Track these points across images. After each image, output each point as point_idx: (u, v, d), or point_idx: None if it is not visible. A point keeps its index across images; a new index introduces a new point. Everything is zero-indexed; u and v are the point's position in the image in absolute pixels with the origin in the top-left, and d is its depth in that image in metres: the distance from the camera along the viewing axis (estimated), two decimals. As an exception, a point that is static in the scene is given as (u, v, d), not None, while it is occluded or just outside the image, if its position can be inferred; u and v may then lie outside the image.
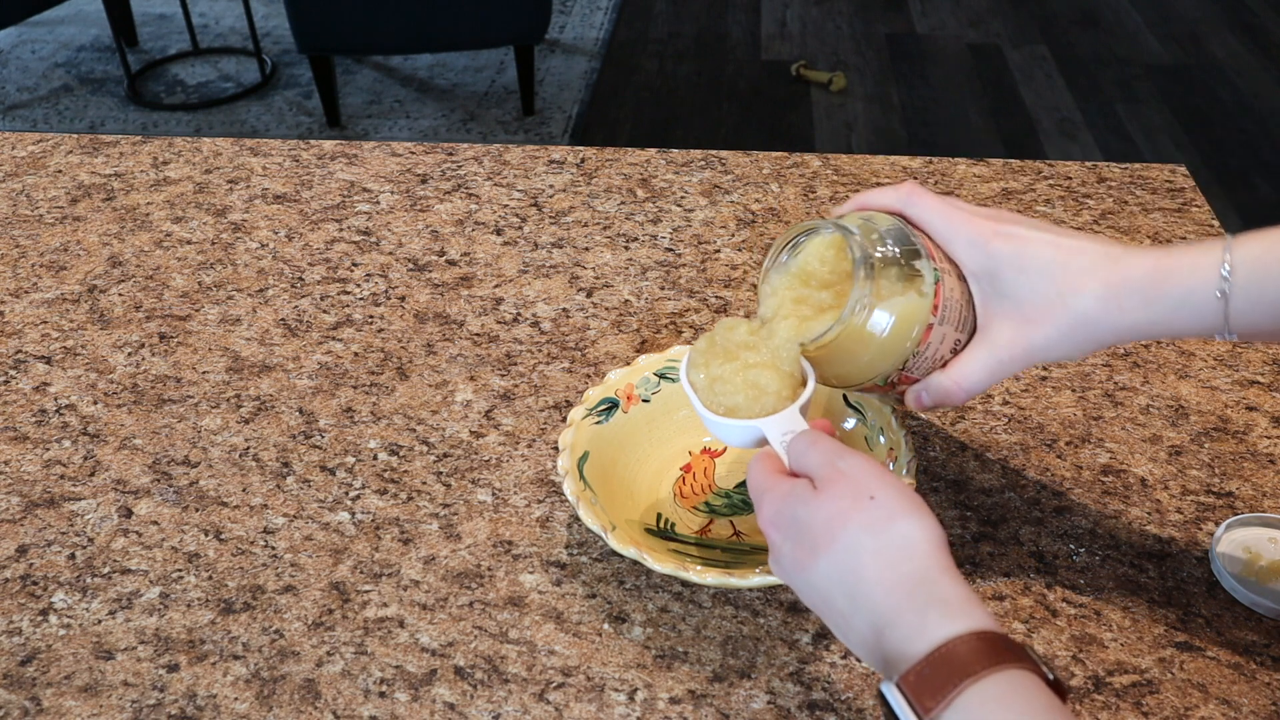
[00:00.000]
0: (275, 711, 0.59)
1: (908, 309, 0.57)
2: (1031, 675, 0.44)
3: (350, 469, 0.74)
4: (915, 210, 0.60)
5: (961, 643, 0.45)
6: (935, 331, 0.58)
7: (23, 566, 0.68)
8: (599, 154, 1.08)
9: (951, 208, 0.59)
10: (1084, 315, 0.56)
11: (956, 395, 0.60)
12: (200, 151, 1.10)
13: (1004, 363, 0.58)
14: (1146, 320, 0.55)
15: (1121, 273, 0.55)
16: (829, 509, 0.50)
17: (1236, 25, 3.41)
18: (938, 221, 0.59)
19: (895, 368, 0.59)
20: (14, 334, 0.87)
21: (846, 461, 0.52)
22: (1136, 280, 0.55)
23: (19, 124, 3.01)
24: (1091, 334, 0.56)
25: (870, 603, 0.48)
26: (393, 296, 0.89)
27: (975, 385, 0.59)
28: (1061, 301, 0.56)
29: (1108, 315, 0.56)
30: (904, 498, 0.50)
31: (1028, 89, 3.07)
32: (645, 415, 0.72)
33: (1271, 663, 0.61)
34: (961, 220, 0.59)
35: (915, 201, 0.60)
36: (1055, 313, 0.56)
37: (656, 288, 0.90)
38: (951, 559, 0.49)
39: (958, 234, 0.59)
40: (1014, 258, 0.57)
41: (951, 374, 0.60)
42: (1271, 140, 2.83)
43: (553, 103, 3.04)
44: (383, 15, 2.71)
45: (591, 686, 0.60)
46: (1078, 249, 0.57)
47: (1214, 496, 0.71)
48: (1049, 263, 0.56)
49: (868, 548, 0.49)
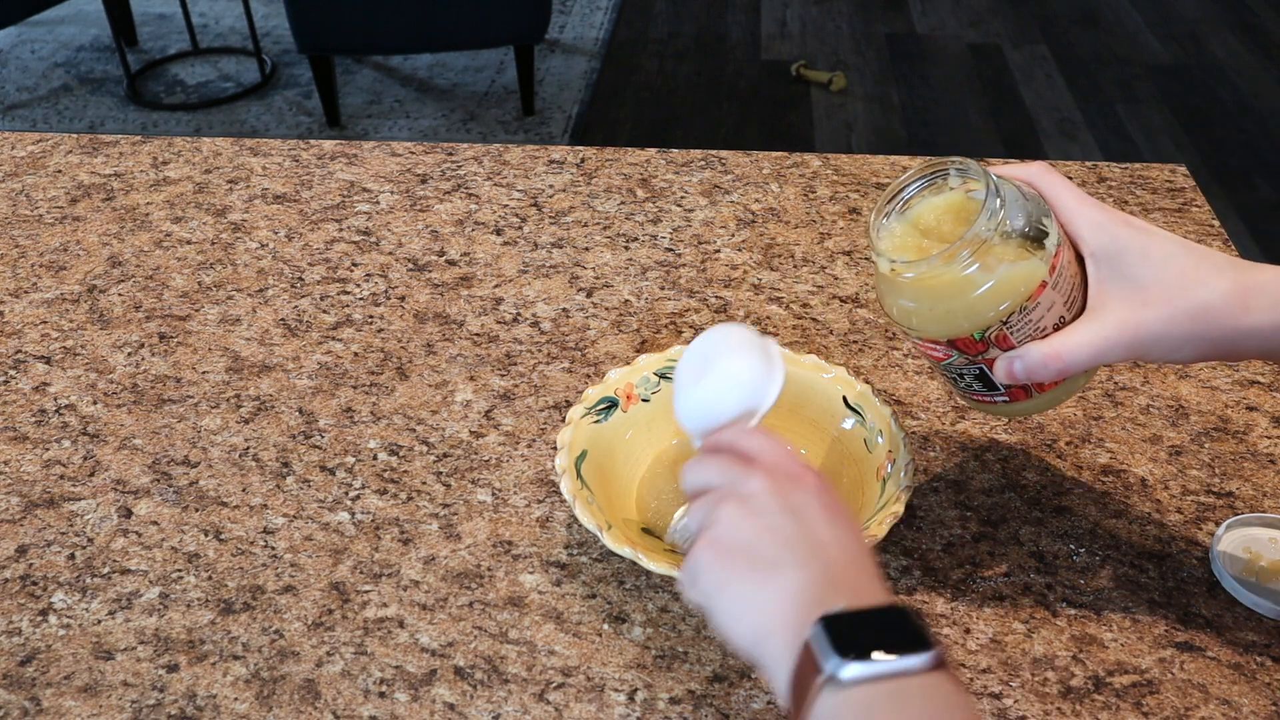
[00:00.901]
0: (275, 712, 0.59)
1: (1025, 256, 0.56)
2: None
3: (350, 469, 0.74)
4: (1045, 184, 0.60)
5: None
6: (1046, 293, 0.56)
7: (22, 567, 0.68)
8: (599, 154, 1.08)
9: (1081, 191, 0.59)
10: (1206, 305, 0.55)
11: (1052, 367, 0.57)
12: (200, 151, 1.10)
13: (1110, 341, 0.56)
14: (1270, 323, 0.54)
15: (1252, 276, 0.55)
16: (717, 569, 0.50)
17: (1236, 25, 3.41)
18: (1068, 198, 0.59)
19: (999, 320, 0.57)
20: (14, 334, 0.87)
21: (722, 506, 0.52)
22: (1267, 285, 0.54)
23: (19, 124, 3.01)
24: (1209, 328, 0.55)
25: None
26: (392, 296, 0.89)
27: (1075, 360, 0.56)
28: (1184, 290, 0.55)
29: (1231, 312, 0.54)
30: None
31: (1028, 89, 3.07)
32: (645, 415, 0.72)
33: (1272, 663, 0.61)
34: (1092, 204, 0.58)
35: (1047, 176, 0.60)
36: (1176, 299, 0.55)
37: (656, 288, 0.90)
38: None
39: (1087, 215, 0.58)
40: (1141, 244, 0.56)
41: (1053, 343, 0.57)
42: (1271, 140, 2.83)
43: (553, 103, 3.04)
44: (383, 15, 2.71)
45: (591, 687, 0.60)
46: (1207, 253, 0.56)
47: (1214, 496, 0.71)
48: (1176, 255, 0.56)
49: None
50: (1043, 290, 0.56)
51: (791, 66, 3.16)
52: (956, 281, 0.57)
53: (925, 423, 0.76)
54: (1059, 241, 0.57)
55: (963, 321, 0.58)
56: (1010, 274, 0.56)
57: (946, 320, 0.58)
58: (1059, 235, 0.58)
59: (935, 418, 0.77)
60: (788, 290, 0.89)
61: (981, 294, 0.56)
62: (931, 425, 0.76)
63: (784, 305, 0.88)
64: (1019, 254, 0.56)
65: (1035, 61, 3.22)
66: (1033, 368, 0.57)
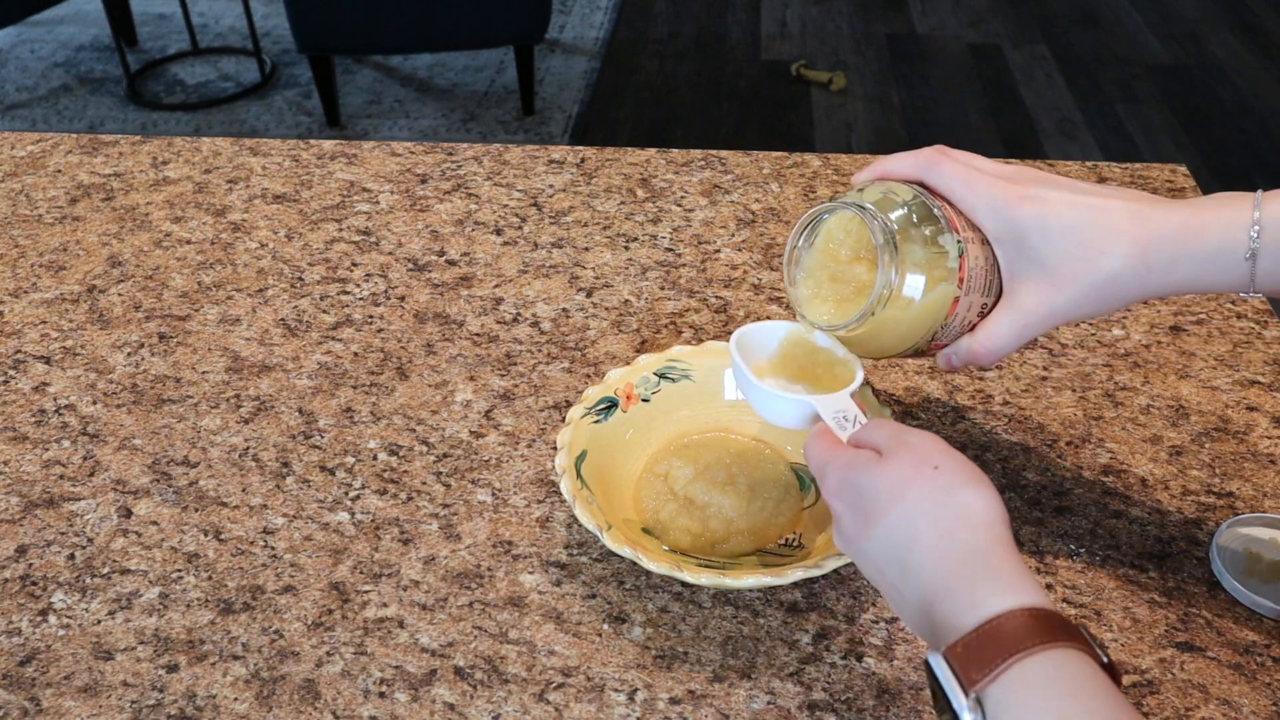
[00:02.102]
0: (275, 712, 0.59)
1: (934, 286, 0.58)
2: (1083, 655, 0.44)
3: (350, 469, 0.74)
4: (935, 178, 0.60)
5: (1012, 618, 0.44)
6: (962, 302, 0.59)
7: (22, 567, 0.68)
8: (599, 154, 1.08)
9: (972, 172, 0.59)
10: (1111, 276, 0.56)
11: (984, 358, 0.61)
12: (200, 151, 1.10)
13: (1030, 326, 0.59)
14: (1173, 279, 0.55)
15: (1149, 231, 0.55)
16: (892, 476, 0.50)
17: (1236, 25, 3.41)
18: (959, 188, 0.59)
19: (926, 340, 0.61)
20: (13, 334, 0.87)
21: (914, 435, 0.52)
22: (1164, 239, 0.55)
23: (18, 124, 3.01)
24: (1118, 293, 0.56)
25: (922, 571, 0.48)
26: (392, 296, 0.89)
27: (1002, 348, 0.60)
28: (1088, 264, 0.56)
29: (1135, 275, 0.55)
30: (968, 469, 0.50)
31: (1028, 89, 3.07)
32: (644, 415, 0.72)
33: (1272, 663, 0.61)
34: (984, 186, 0.58)
35: (935, 169, 0.60)
36: (1081, 275, 0.56)
37: (656, 288, 0.90)
38: (1010, 535, 0.48)
39: (980, 200, 0.58)
40: (1038, 222, 0.57)
41: (978, 338, 0.60)
42: (1271, 140, 2.83)
43: (553, 103, 3.04)
44: (383, 15, 2.71)
45: (591, 687, 0.60)
46: (1103, 207, 0.56)
47: (1214, 496, 0.71)
48: (1074, 224, 0.56)
49: (926, 514, 0.48)
50: (957, 304, 0.59)
51: (791, 66, 3.16)
52: (875, 329, 0.60)
53: (925, 423, 0.76)
54: (961, 250, 0.58)
55: (893, 348, 0.62)
56: (924, 307, 0.59)
57: (878, 351, 0.62)
58: (958, 242, 0.58)
59: (935, 418, 0.77)
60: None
61: (903, 331, 0.60)
62: (931, 425, 0.76)
63: (784, 305, 0.88)
64: (928, 282, 0.58)
65: (1035, 61, 3.22)
66: (966, 360, 0.62)
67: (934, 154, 0.60)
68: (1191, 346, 0.82)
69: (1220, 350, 0.82)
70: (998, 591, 0.45)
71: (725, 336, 0.84)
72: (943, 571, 0.47)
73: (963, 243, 0.58)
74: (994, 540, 0.47)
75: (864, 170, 0.63)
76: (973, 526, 0.48)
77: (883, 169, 0.62)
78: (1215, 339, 0.83)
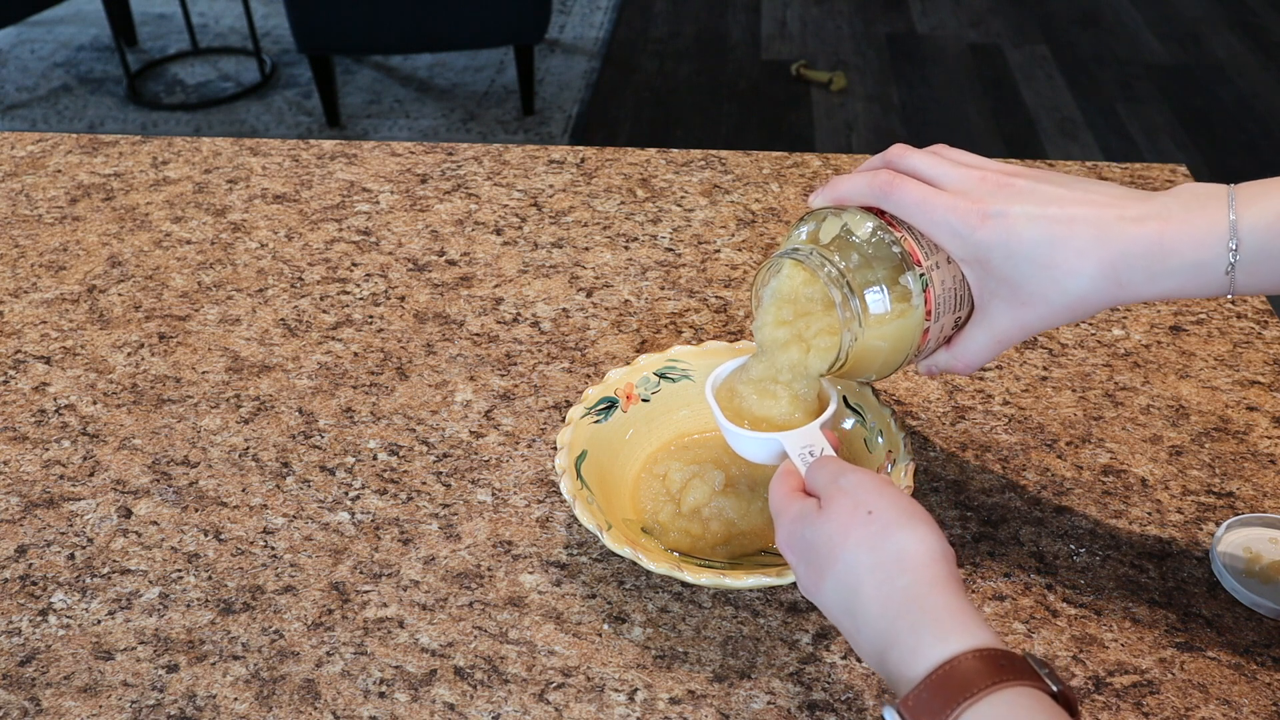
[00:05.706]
0: (275, 712, 0.59)
1: (900, 325, 0.58)
2: (1032, 690, 0.44)
3: (350, 469, 0.74)
4: (892, 206, 0.58)
5: (958, 663, 0.44)
6: (932, 329, 0.60)
7: (22, 567, 0.68)
8: (599, 154, 1.08)
9: (928, 196, 0.56)
10: (1080, 295, 0.55)
11: (961, 371, 0.62)
12: (200, 151, 1.10)
13: (1003, 341, 0.59)
14: (1149, 293, 0.54)
15: (1119, 249, 0.53)
16: (831, 526, 0.51)
17: (1236, 25, 3.41)
18: (916, 215, 0.57)
19: (902, 365, 0.61)
20: (13, 334, 0.87)
21: (847, 478, 0.52)
22: (1135, 255, 0.53)
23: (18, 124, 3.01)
24: (1091, 307, 0.56)
25: (870, 620, 0.48)
26: (392, 296, 0.89)
27: (977, 361, 0.61)
28: (1055, 284, 0.55)
29: (1106, 292, 0.54)
30: (901, 508, 0.50)
31: (1028, 89, 3.07)
32: (644, 415, 0.72)
33: (1272, 663, 0.61)
34: (941, 210, 0.56)
35: (890, 198, 0.57)
36: (1050, 295, 0.55)
37: (656, 288, 0.90)
38: (952, 569, 0.49)
39: (939, 228, 0.56)
40: (1001, 244, 0.55)
41: (955, 352, 0.61)
42: (1271, 140, 2.82)
43: (553, 103, 3.04)
44: (383, 15, 2.71)
45: (591, 687, 0.60)
46: (1067, 220, 0.54)
47: (1214, 496, 0.71)
48: (1037, 243, 0.54)
49: (864, 564, 0.49)
50: (927, 334, 0.60)
51: (791, 66, 3.16)
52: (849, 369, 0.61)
53: (925, 423, 0.76)
54: (925, 284, 0.58)
55: (874, 375, 0.62)
56: (893, 345, 0.59)
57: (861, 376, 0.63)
58: (920, 277, 0.58)
59: (935, 418, 0.77)
60: (788, 290, 0.89)
61: (878, 364, 0.61)
62: (931, 425, 0.76)
63: (784, 305, 0.88)
64: (895, 315, 0.58)
65: (1035, 61, 3.22)
66: (944, 371, 0.63)
67: (888, 178, 0.58)
68: (1191, 346, 0.82)
69: (1220, 350, 0.82)
70: (941, 637, 0.46)
71: (725, 336, 0.84)
72: (888, 618, 0.47)
73: (925, 275, 0.58)
74: (933, 581, 0.48)
75: (818, 192, 0.61)
76: (911, 569, 0.48)
77: (836, 194, 0.60)
78: (1215, 339, 0.83)
